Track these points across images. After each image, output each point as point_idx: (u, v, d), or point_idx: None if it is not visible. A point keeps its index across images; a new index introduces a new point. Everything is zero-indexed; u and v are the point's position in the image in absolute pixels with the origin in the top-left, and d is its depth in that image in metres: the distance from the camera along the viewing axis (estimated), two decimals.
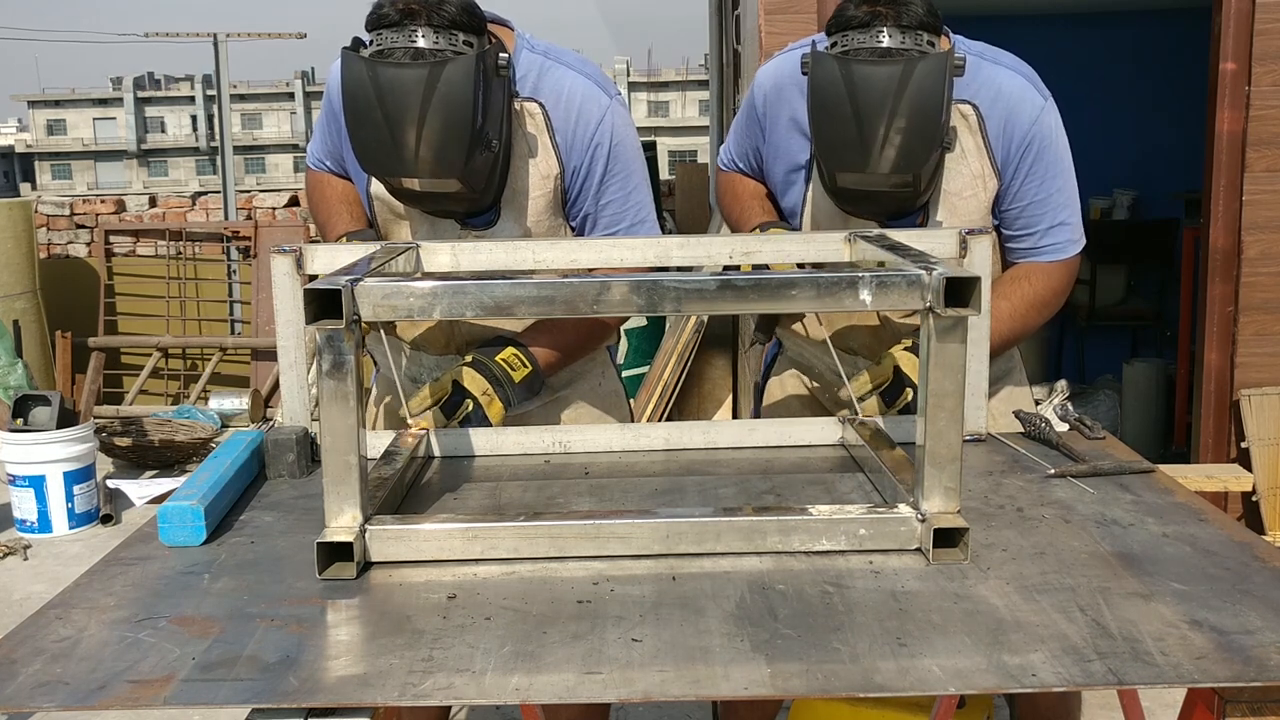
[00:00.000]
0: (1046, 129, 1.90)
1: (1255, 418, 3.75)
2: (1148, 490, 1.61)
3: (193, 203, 7.30)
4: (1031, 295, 1.98)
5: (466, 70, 1.66)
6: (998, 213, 1.96)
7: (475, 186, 1.80)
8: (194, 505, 1.46)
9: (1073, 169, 1.96)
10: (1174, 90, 5.83)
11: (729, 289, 1.35)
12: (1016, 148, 1.90)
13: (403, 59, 1.66)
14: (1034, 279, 1.98)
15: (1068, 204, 1.96)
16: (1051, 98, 1.92)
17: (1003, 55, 1.95)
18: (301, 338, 1.79)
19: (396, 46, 1.67)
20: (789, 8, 3.58)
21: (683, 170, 6.96)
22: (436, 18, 1.67)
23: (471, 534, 1.38)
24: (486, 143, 1.74)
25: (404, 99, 1.65)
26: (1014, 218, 1.96)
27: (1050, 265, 1.98)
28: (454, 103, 1.66)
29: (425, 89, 1.64)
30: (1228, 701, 1.12)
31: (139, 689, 1.10)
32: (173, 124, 53.42)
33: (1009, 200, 1.94)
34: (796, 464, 1.76)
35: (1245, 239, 3.68)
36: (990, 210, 1.96)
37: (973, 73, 1.87)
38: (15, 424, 4.67)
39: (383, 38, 1.68)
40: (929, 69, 1.71)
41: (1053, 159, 1.92)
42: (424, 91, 1.64)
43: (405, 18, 1.67)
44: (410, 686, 1.09)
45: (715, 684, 1.09)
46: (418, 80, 1.64)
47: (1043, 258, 1.98)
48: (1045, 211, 1.94)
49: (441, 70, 1.65)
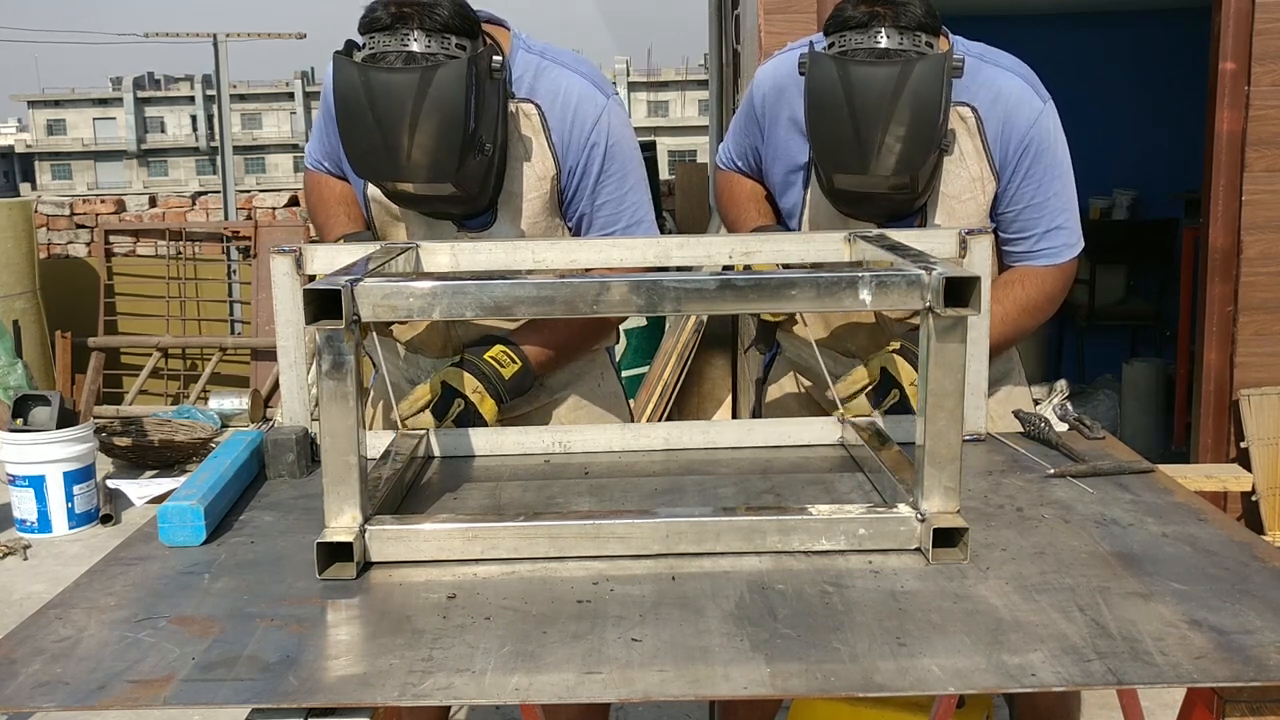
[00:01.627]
0: (1045, 131, 1.89)
1: (1255, 417, 3.75)
2: (1147, 490, 1.61)
3: (193, 203, 7.30)
4: (1024, 299, 1.97)
5: (459, 74, 1.65)
6: (995, 215, 1.95)
7: (469, 190, 1.79)
8: (194, 505, 1.46)
9: (1071, 172, 1.96)
10: (1174, 90, 5.83)
11: (729, 289, 1.35)
12: (1014, 150, 1.89)
13: (395, 63, 1.65)
14: (1027, 283, 1.97)
15: (1065, 208, 1.95)
16: (1051, 100, 1.92)
17: (1002, 56, 1.94)
18: (301, 338, 1.79)
19: (389, 50, 1.66)
20: (788, 7, 3.59)
21: (682, 170, 6.96)
22: (429, 21, 1.66)
23: (471, 534, 1.38)
24: (480, 146, 1.74)
25: (396, 104, 1.64)
26: (1010, 220, 1.95)
27: (1045, 270, 1.97)
28: (446, 107, 1.65)
29: (417, 94, 1.64)
30: (1227, 701, 1.12)
31: (139, 689, 1.10)
32: (172, 124, 53.42)
33: (1006, 203, 1.93)
34: (796, 464, 1.76)
35: (1245, 239, 3.68)
36: (989, 213, 1.95)
37: (971, 74, 1.86)
38: (15, 424, 4.67)
39: (375, 41, 1.67)
40: (927, 70, 1.71)
41: (1051, 162, 1.91)
42: (416, 96, 1.64)
43: (397, 21, 1.66)
44: (410, 686, 1.09)
45: (715, 684, 1.09)
46: (409, 85, 1.64)
47: (1038, 261, 1.97)
48: (1042, 215, 1.93)
49: (434, 75, 1.64)
